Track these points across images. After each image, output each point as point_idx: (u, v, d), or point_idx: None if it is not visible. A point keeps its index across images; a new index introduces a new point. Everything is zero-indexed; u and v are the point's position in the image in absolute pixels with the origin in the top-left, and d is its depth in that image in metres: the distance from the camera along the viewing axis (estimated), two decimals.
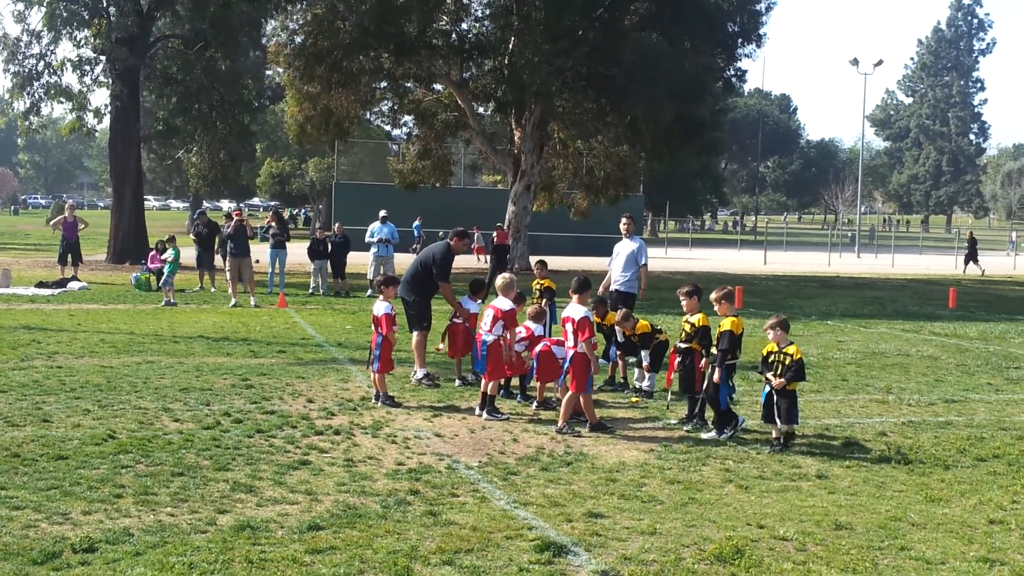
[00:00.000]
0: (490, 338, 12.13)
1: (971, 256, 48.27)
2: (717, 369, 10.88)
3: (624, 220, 16.87)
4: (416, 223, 53.32)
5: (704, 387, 11.27)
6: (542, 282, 16.69)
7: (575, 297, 11.42)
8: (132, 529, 7.24)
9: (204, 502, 7.98)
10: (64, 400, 11.85)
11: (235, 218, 25.86)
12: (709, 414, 11.25)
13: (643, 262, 16.21)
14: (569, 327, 11.17)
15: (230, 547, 6.93)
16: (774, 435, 10.45)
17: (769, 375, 10.48)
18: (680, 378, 11.70)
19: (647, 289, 16.74)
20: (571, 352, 11.12)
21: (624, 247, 16.39)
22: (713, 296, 11.43)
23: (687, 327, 11.63)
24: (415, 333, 14.05)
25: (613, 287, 16.31)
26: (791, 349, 10.47)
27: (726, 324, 10.99)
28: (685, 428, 11.34)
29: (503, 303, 12.33)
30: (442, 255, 14.25)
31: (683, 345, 11.60)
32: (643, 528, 7.61)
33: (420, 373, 13.94)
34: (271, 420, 11.09)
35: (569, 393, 11.12)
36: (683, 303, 11.87)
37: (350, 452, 9.81)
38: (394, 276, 14.86)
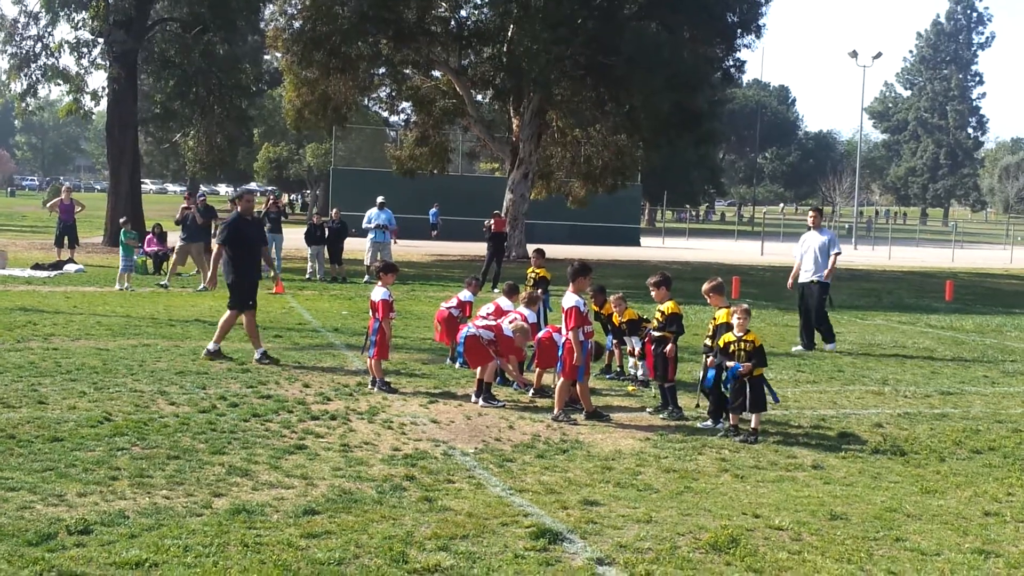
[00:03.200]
0: (471, 330, 12.11)
1: None
2: (710, 358, 10.91)
3: (811, 213, 18.20)
4: (433, 210, 53.25)
5: (670, 375, 11.45)
6: (537, 271, 16.73)
7: (570, 285, 11.39)
8: (127, 511, 7.24)
9: (200, 485, 7.98)
10: (60, 382, 11.84)
11: (184, 204, 25.89)
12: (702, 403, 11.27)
13: (836, 251, 17.39)
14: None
15: (225, 530, 6.92)
16: (735, 423, 10.50)
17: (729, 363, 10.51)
18: (655, 366, 11.70)
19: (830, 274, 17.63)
20: (563, 339, 11.16)
21: (814, 239, 17.40)
22: (704, 288, 11.50)
23: (658, 315, 11.66)
24: (232, 311, 14.17)
25: (810, 278, 17.33)
26: (751, 336, 10.52)
27: (721, 316, 11.01)
28: (661, 416, 11.35)
29: (505, 302, 12.33)
30: (227, 220, 14.69)
31: (656, 333, 11.62)
32: (639, 516, 7.61)
33: (212, 348, 14.09)
34: (267, 404, 11.09)
35: (561, 380, 11.12)
36: (652, 293, 11.92)
37: (346, 437, 9.80)
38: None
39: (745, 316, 10.61)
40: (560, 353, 11.19)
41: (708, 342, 11.14)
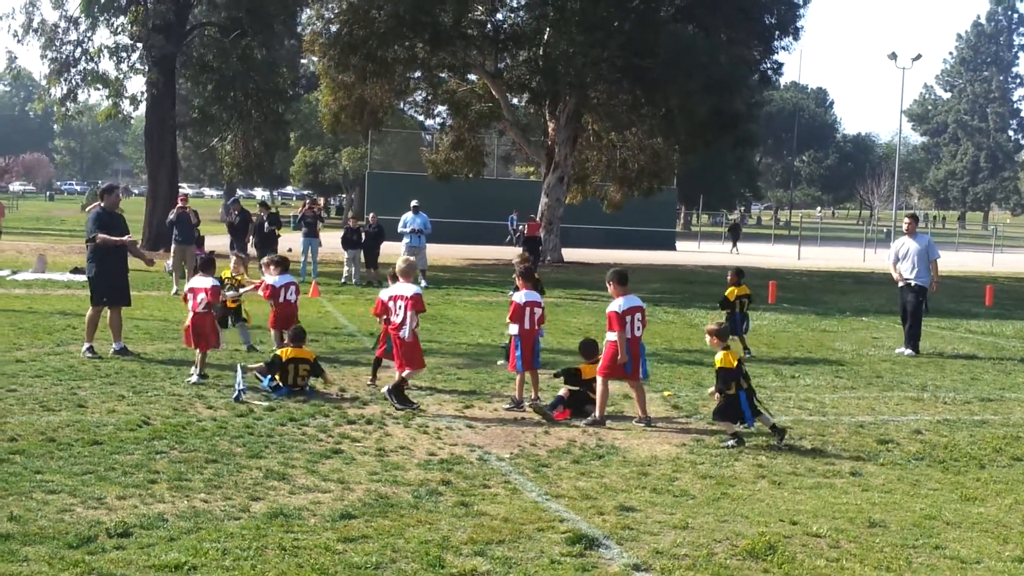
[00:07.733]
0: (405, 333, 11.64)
1: (734, 241, 58.88)
2: None
3: (907, 220, 18.98)
4: (512, 216, 52.97)
5: None
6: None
7: (612, 288, 11.51)
8: (166, 514, 7.30)
9: (237, 489, 8.03)
10: (99, 386, 11.95)
11: (179, 204, 25.39)
12: None
13: (935, 257, 17.99)
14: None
15: (263, 534, 6.97)
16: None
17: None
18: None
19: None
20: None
21: (911, 245, 17.83)
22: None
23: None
24: (93, 308, 14.39)
25: (912, 282, 17.61)
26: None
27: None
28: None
29: (407, 288, 11.84)
30: (92, 215, 14.76)
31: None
32: (675, 522, 7.59)
33: (84, 347, 14.21)
34: (304, 408, 11.15)
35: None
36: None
37: (382, 442, 9.84)
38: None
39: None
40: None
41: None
